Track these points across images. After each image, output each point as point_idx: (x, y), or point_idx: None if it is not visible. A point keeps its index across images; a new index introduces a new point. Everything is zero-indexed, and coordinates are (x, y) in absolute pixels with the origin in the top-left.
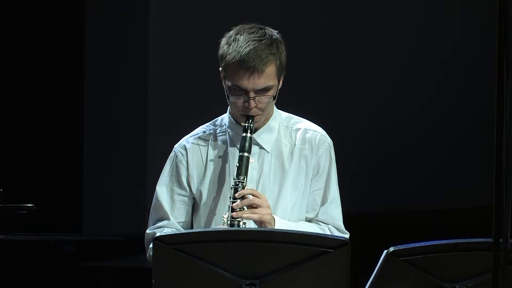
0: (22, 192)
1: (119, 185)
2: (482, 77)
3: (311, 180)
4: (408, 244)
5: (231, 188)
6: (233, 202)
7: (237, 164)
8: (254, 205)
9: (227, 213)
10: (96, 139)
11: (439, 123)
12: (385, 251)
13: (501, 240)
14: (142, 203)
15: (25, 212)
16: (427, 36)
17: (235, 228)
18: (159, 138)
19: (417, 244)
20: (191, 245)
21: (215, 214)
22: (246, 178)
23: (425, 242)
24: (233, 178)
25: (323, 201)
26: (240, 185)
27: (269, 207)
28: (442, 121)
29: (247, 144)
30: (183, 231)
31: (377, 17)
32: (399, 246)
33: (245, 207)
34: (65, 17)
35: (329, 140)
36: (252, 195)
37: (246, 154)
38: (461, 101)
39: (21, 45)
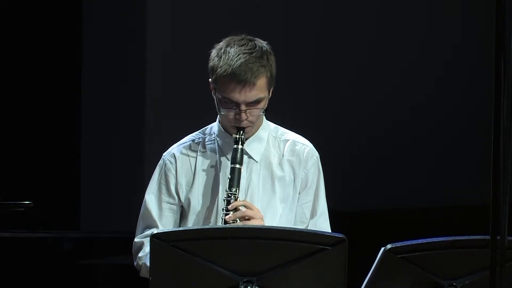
0: (20, 189)
1: (117, 183)
2: (482, 77)
3: (299, 193)
4: (405, 242)
5: (224, 200)
6: (226, 214)
7: (229, 176)
8: (247, 217)
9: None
10: (94, 136)
11: (439, 123)
12: (383, 248)
13: (498, 237)
14: (140, 200)
15: (23, 209)
16: (428, 37)
17: (233, 225)
18: (157, 136)
19: (414, 242)
20: (188, 242)
21: (210, 223)
22: (239, 190)
23: (422, 240)
24: (226, 190)
25: (313, 214)
26: (232, 197)
27: (262, 218)
28: (442, 120)
29: (238, 155)
30: (180, 228)
31: (377, 18)
32: (397, 243)
33: (238, 219)
34: (63, 16)
35: (317, 154)
36: (245, 206)
37: (238, 166)
38: (461, 101)
39: (19, 44)
